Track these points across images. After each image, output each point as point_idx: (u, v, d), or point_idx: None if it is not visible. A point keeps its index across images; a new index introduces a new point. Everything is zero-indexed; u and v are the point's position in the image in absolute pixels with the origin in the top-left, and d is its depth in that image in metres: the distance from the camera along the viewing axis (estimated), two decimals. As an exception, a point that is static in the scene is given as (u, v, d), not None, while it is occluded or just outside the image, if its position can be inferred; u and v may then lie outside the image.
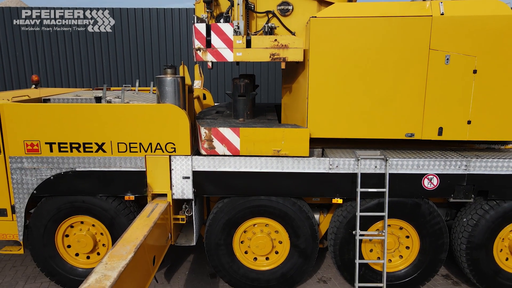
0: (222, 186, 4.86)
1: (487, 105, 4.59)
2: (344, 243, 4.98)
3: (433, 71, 4.52)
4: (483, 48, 4.43)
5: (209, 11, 4.89)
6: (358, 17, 4.52)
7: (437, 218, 4.91)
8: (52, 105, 4.81)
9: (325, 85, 4.71)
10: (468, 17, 4.40)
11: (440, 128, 4.65)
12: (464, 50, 4.45)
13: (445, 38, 4.45)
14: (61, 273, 5.21)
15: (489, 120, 4.63)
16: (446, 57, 4.45)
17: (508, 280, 5.03)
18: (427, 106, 4.62)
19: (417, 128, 4.69)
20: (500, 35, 4.40)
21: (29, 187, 4.89)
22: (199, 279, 5.61)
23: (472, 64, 4.45)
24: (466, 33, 4.43)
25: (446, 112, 4.64)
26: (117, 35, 11.62)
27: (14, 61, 11.61)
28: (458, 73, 4.50)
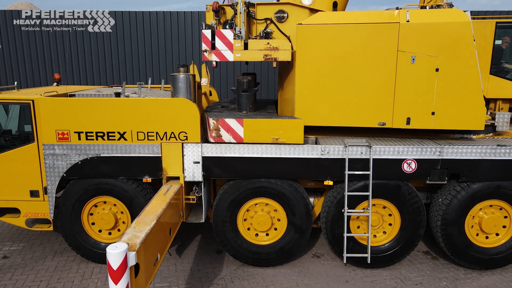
0: (227, 170, 5.58)
1: (448, 99, 5.33)
2: (334, 220, 5.69)
3: (401, 69, 5.28)
4: (444, 50, 5.17)
5: (217, 18, 5.64)
6: (337, 24, 5.32)
7: (415, 198, 5.61)
8: (80, 99, 5.52)
9: (310, 81, 5.49)
10: (431, 24, 5.16)
11: (408, 118, 5.38)
12: (428, 52, 5.19)
13: (411, 41, 5.21)
14: (86, 247, 5.92)
15: (450, 112, 5.37)
16: (412, 57, 5.18)
17: (478, 252, 5.73)
18: (396, 99, 5.38)
19: (388, 118, 5.43)
20: (459, 39, 5.14)
21: (59, 170, 5.61)
22: (206, 255, 6.33)
23: (434, 64, 5.18)
24: (429, 37, 5.18)
25: (413, 104, 5.39)
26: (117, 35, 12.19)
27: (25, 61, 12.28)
28: (423, 71, 5.26)
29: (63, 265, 5.94)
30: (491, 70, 7.52)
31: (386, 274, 5.76)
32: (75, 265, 5.96)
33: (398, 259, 5.88)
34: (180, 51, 12.21)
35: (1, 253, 6.28)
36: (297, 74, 5.50)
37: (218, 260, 6.17)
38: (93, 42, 12.12)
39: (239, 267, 5.93)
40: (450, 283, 5.54)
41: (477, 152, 5.39)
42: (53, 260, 6.09)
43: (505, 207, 5.63)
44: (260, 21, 5.71)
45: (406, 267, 5.95)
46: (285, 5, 5.63)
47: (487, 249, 5.75)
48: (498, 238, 5.76)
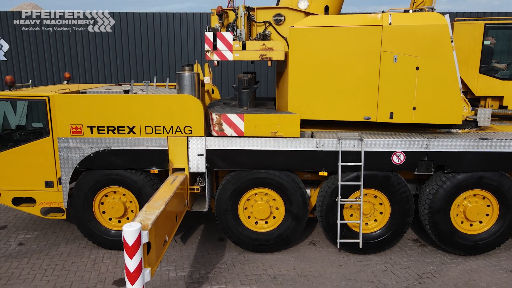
0: (229, 162, 6.00)
1: (427, 95, 5.76)
2: (329, 209, 6.10)
3: (384, 68, 5.73)
4: (423, 50, 5.61)
5: (221, 21, 6.08)
6: (326, 27, 5.77)
7: (404, 188, 6.03)
8: (93, 96, 5.94)
9: (302, 79, 5.96)
10: (411, 26, 5.60)
11: (391, 113, 5.81)
12: (409, 52, 5.63)
13: (393, 42, 5.65)
14: (97, 234, 6.34)
15: (429, 107, 5.80)
16: (394, 57, 5.61)
17: (462, 239, 6.15)
18: (380, 95, 5.82)
19: (372, 113, 5.87)
20: (437, 40, 5.58)
21: (73, 162, 6.02)
22: (209, 242, 6.74)
23: (415, 63, 5.61)
24: (410, 38, 5.62)
25: (395, 100, 5.83)
26: (117, 35, 12.59)
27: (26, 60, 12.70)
28: (404, 70, 5.70)
29: (76, 251, 6.36)
30: (480, 69, 7.92)
31: (377, 259, 6.17)
32: (87, 251, 6.37)
33: (389, 245, 6.30)
34: (176, 52, 12.58)
35: (17, 241, 6.70)
36: (290, 72, 5.97)
37: (220, 247, 6.59)
38: (92, 42, 12.47)
39: (240, 253, 6.34)
40: (437, 267, 5.95)
41: (461, 145, 5.81)
42: (66, 247, 6.51)
43: (488, 196, 6.05)
44: (259, 24, 6.15)
45: (396, 253, 6.37)
46: (282, 9, 6.08)
47: (471, 236, 6.16)
48: (481, 226, 6.18)
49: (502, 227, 6.08)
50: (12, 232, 7.00)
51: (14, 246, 6.49)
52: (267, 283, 5.49)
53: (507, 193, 5.95)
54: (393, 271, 5.82)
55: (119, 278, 5.59)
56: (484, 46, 7.96)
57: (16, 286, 5.36)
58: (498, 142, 5.78)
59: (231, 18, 6.15)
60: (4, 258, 6.11)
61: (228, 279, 5.58)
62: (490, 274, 5.76)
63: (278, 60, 5.97)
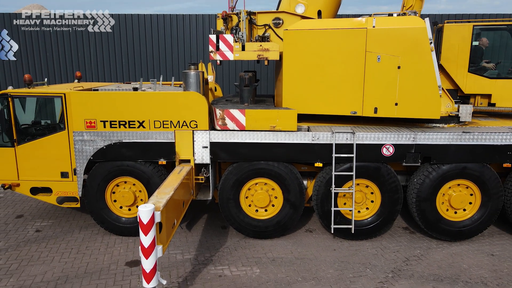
0: (231, 153, 6.48)
1: (408, 92, 6.27)
2: (324, 197, 6.59)
3: (369, 67, 6.24)
4: (404, 50, 6.11)
5: (225, 24, 6.60)
6: (316, 29, 6.29)
7: (393, 178, 6.51)
8: (106, 93, 6.43)
9: (295, 77, 6.51)
10: (393, 29, 6.12)
11: (375, 108, 6.31)
12: (391, 52, 6.13)
13: (376, 44, 6.16)
14: (109, 221, 6.83)
15: (410, 103, 6.30)
16: (377, 57, 6.11)
17: (447, 225, 6.63)
18: (366, 92, 6.34)
19: (358, 108, 6.39)
20: (417, 41, 6.08)
21: (87, 154, 6.52)
22: (213, 230, 7.23)
23: (396, 62, 6.11)
24: (392, 39, 6.14)
25: (379, 96, 6.34)
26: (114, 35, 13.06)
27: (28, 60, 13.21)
28: (387, 68, 6.21)
29: (89, 237, 6.85)
30: (469, 68, 8.37)
31: (369, 245, 6.66)
32: (100, 237, 6.87)
33: (379, 231, 6.78)
34: (174, 52, 13.10)
35: (34, 228, 7.19)
36: (284, 71, 6.52)
37: (223, 233, 7.08)
38: (92, 42, 12.95)
39: (241, 239, 6.83)
40: (423, 251, 6.44)
41: (446, 138, 6.29)
42: (80, 233, 7.00)
43: (471, 186, 6.53)
44: (260, 27, 6.67)
45: (386, 239, 6.86)
46: (281, 13, 6.59)
47: (455, 223, 6.64)
48: (465, 213, 6.66)
49: (484, 215, 6.56)
50: (28, 221, 7.50)
51: (31, 233, 6.99)
52: (267, 265, 5.97)
53: (488, 182, 6.44)
54: (383, 255, 6.31)
55: (131, 260, 6.08)
56: (473, 46, 8.42)
57: (36, 267, 5.85)
58: (479, 136, 6.27)
59: (234, 22, 6.68)
60: (23, 243, 6.61)
61: (231, 261, 6.07)
62: (473, 257, 6.25)
63: (274, 59, 6.50)
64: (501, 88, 7.92)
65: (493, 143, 6.29)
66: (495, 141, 6.28)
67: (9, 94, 6.55)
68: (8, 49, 13.36)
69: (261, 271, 5.78)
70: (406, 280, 5.57)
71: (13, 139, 6.64)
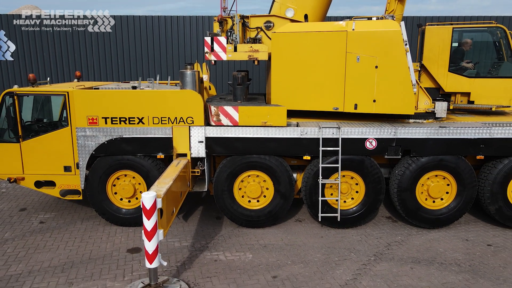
0: (226, 148, 6.93)
1: (385, 89, 6.78)
2: (312, 188, 7.06)
3: (349, 66, 6.77)
4: (381, 51, 6.63)
5: (221, 27, 7.08)
6: (301, 32, 6.82)
7: (376, 170, 7.01)
8: (107, 91, 6.83)
9: (282, 75, 7.06)
10: (371, 31, 6.64)
11: (355, 104, 6.82)
12: (369, 53, 6.65)
13: (356, 45, 6.68)
14: (110, 212, 7.23)
15: (387, 99, 6.82)
16: (357, 57, 6.62)
17: (426, 213, 7.14)
18: (346, 89, 6.87)
19: (340, 104, 6.93)
20: (392, 43, 6.61)
21: (89, 149, 6.91)
22: (208, 220, 7.67)
23: (374, 62, 6.63)
24: (369, 41, 6.66)
25: (358, 93, 6.86)
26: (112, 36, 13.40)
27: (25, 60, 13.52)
28: (366, 68, 6.73)
29: (91, 228, 7.25)
30: (449, 68, 8.89)
31: (354, 232, 7.15)
32: (101, 227, 7.27)
33: (364, 220, 7.28)
34: (169, 52, 13.52)
35: (38, 219, 7.57)
36: (272, 70, 7.06)
37: (217, 223, 7.52)
38: (89, 42, 13.32)
39: (235, 228, 7.28)
40: (404, 237, 6.94)
41: (424, 132, 6.80)
42: (82, 224, 7.40)
43: (447, 176, 7.06)
44: (252, 29, 7.13)
45: (370, 227, 7.35)
46: (271, 17, 7.09)
47: (433, 211, 7.16)
48: (442, 202, 7.18)
49: (459, 203, 7.09)
50: (32, 213, 7.87)
51: (36, 224, 7.37)
52: (259, 251, 6.43)
53: (463, 173, 6.96)
54: (366, 241, 6.80)
55: (131, 247, 6.50)
56: (453, 47, 8.95)
57: (43, 254, 6.24)
58: (454, 130, 6.79)
59: (229, 25, 7.17)
60: (29, 233, 6.98)
61: (225, 248, 6.52)
62: (449, 242, 6.77)
63: (263, 59, 7.01)
64: (479, 87, 8.41)
65: (467, 137, 6.81)
66: (469, 135, 6.81)
67: (15, 92, 6.93)
68: (5, 50, 13.67)
69: (253, 256, 6.24)
70: (386, 263, 6.06)
71: (19, 135, 7.01)
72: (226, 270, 5.81)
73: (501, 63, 8.48)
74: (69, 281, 5.47)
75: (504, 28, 8.17)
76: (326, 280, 5.57)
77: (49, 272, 5.70)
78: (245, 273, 5.74)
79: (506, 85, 8.11)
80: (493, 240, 6.84)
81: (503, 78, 8.15)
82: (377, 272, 5.79)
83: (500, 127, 6.84)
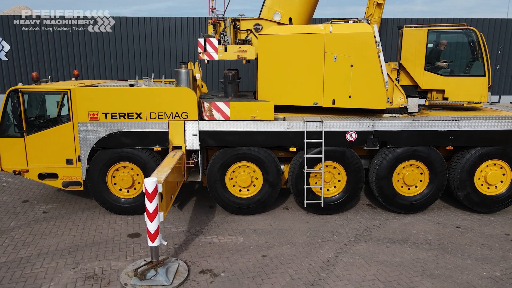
0: (218, 140, 7.49)
1: (359, 86, 7.43)
2: (298, 177, 7.66)
3: (328, 65, 7.42)
4: (355, 51, 7.28)
5: (215, 29, 7.70)
6: (284, 34, 7.46)
7: (356, 160, 7.65)
8: (108, 88, 7.34)
9: (267, 73, 7.72)
10: (346, 33, 7.30)
11: (333, 100, 7.47)
12: (345, 53, 7.30)
13: (333, 46, 7.33)
14: (110, 202, 7.73)
15: (361, 95, 7.46)
16: (334, 57, 7.27)
17: (402, 200, 7.81)
18: (325, 86, 7.52)
19: (320, 99, 7.58)
20: (365, 44, 7.25)
21: (90, 143, 7.41)
22: (201, 209, 8.22)
23: (350, 61, 7.29)
24: (345, 42, 7.31)
25: (336, 90, 7.51)
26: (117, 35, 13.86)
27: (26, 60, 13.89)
28: (342, 66, 7.38)
29: (92, 216, 7.74)
30: (425, 67, 9.57)
31: (336, 218, 7.78)
32: (101, 216, 7.77)
33: (346, 207, 7.92)
34: (161, 52, 14.03)
35: (41, 210, 8.03)
36: (259, 69, 7.73)
37: (210, 212, 8.08)
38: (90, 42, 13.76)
39: (227, 216, 7.85)
40: (382, 222, 7.60)
41: (399, 125, 7.47)
42: (83, 213, 7.88)
43: (421, 165, 7.74)
44: (243, 31, 7.72)
45: (351, 213, 8.00)
46: (260, 20, 7.73)
47: (408, 197, 7.84)
48: (416, 189, 7.86)
49: (431, 190, 7.77)
50: (34, 204, 8.32)
51: (39, 214, 7.83)
52: (249, 234, 7.01)
53: (434, 163, 7.65)
54: (348, 225, 7.44)
55: (131, 233, 7.02)
56: (428, 48, 9.63)
57: (49, 239, 6.73)
58: (426, 123, 7.48)
59: (222, 27, 7.76)
60: (33, 222, 7.45)
61: (218, 232, 7.08)
62: (422, 225, 7.45)
63: (250, 59, 7.63)
64: (452, 84, 9.10)
65: (437, 129, 7.50)
66: (439, 128, 7.50)
67: (20, 90, 7.38)
68: (0, 49, 13.99)
69: (244, 239, 6.82)
70: (365, 243, 6.70)
71: (23, 130, 7.47)
72: (220, 251, 6.38)
73: (473, 62, 9.18)
74: (76, 261, 5.98)
75: (475, 30, 8.86)
76: (311, 258, 6.17)
77: (56, 254, 6.20)
78: (237, 253, 6.31)
79: (477, 83, 8.77)
80: (461, 223, 7.54)
81: (474, 77, 8.80)
82: (356, 251, 6.42)
83: (467, 120, 7.55)
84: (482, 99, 8.61)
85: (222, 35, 7.72)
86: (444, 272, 5.78)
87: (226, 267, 5.87)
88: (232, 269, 5.81)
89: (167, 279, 5.38)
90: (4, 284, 5.35)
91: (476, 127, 7.54)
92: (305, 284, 5.44)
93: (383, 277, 5.64)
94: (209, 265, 5.93)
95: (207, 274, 5.67)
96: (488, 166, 7.81)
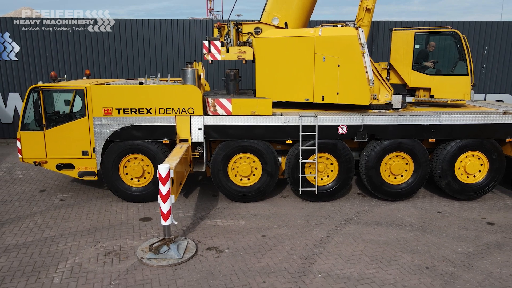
0: (221, 134, 8.22)
1: (346, 84, 8.17)
2: (294, 167, 8.40)
3: (317, 65, 8.17)
4: (342, 52, 8.02)
5: (220, 32, 8.43)
6: (279, 37, 8.24)
7: (347, 151, 8.38)
8: (120, 86, 8.05)
9: (264, 72, 8.51)
10: (334, 36, 8.05)
11: (323, 96, 8.22)
12: (332, 54, 8.04)
13: (322, 47, 8.08)
14: (122, 190, 8.44)
15: (347, 92, 8.21)
16: (323, 57, 8.02)
17: (389, 188, 8.56)
18: (315, 84, 8.27)
19: (310, 96, 8.34)
20: (350, 46, 7.99)
21: (105, 136, 8.11)
22: (205, 197, 8.95)
23: (337, 61, 8.04)
24: (333, 44, 8.05)
25: (325, 87, 8.26)
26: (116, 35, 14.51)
27: (29, 60, 14.55)
28: (330, 66, 8.13)
29: (106, 203, 8.45)
30: (413, 67, 10.30)
31: (329, 204, 8.52)
32: (114, 203, 8.48)
33: (338, 194, 8.65)
34: (163, 54, 14.72)
35: (58, 198, 8.73)
36: (257, 68, 8.50)
37: (214, 199, 8.80)
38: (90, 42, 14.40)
39: (229, 203, 8.57)
40: (370, 208, 8.34)
41: (386, 120, 8.21)
42: (98, 201, 8.59)
43: (406, 156, 8.48)
44: (244, 34, 8.47)
45: (343, 201, 8.74)
46: (260, 24, 8.49)
47: (395, 186, 8.58)
48: (402, 178, 8.61)
49: (416, 179, 8.52)
50: (51, 194, 9.02)
51: (57, 202, 8.53)
52: (250, 218, 7.74)
53: (418, 154, 8.40)
54: (339, 210, 8.18)
55: (143, 217, 7.73)
56: (416, 49, 10.37)
57: (69, 222, 7.43)
58: (410, 118, 8.22)
59: (226, 30, 8.53)
60: (53, 208, 8.15)
61: (222, 217, 7.81)
62: (406, 210, 8.20)
63: (249, 59, 8.38)
64: (438, 83, 9.82)
65: (420, 123, 8.25)
66: (422, 122, 8.25)
67: (40, 87, 8.08)
68: (10, 50, 14.66)
69: (246, 222, 7.54)
70: (354, 225, 7.44)
71: (43, 125, 8.16)
72: (224, 232, 7.11)
73: (457, 63, 9.91)
74: (95, 240, 6.69)
75: (458, 32, 9.59)
76: (305, 237, 6.91)
77: (77, 234, 6.91)
78: (239, 233, 7.04)
79: (460, 81, 9.49)
80: (443, 209, 8.30)
81: (458, 76, 9.53)
82: (346, 231, 7.16)
83: (447, 115, 8.30)
84: (465, 96, 9.33)
85: (226, 37, 8.48)
86: (423, 248, 6.53)
87: (230, 245, 6.60)
88: (235, 247, 6.53)
89: (178, 253, 6.11)
90: (34, 258, 6.06)
91: (456, 121, 8.29)
92: (300, 258, 6.17)
93: (369, 252, 6.38)
94: (214, 243, 6.65)
95: (213, 250, 6.40)
96: (467, 157, 8.56)
